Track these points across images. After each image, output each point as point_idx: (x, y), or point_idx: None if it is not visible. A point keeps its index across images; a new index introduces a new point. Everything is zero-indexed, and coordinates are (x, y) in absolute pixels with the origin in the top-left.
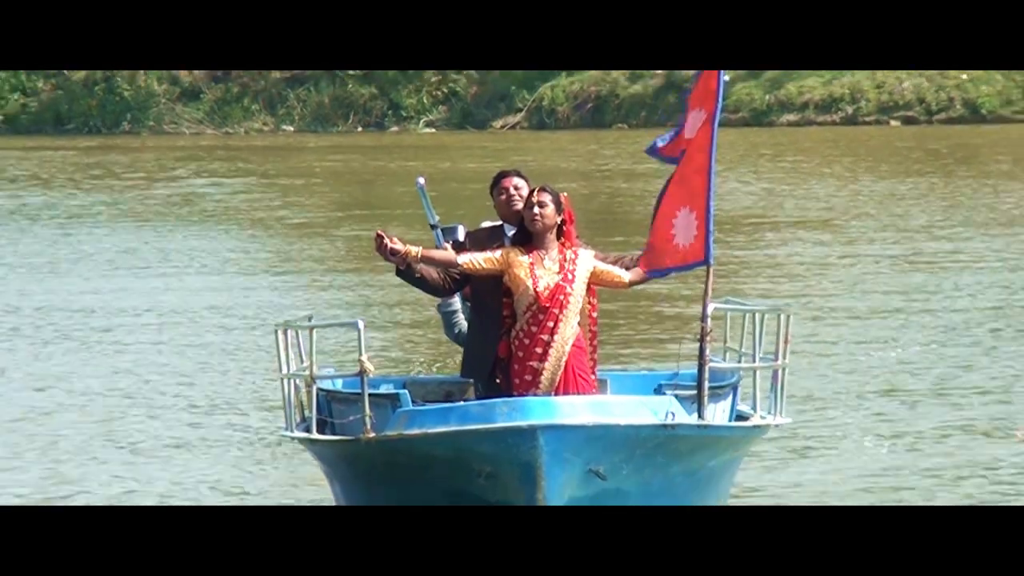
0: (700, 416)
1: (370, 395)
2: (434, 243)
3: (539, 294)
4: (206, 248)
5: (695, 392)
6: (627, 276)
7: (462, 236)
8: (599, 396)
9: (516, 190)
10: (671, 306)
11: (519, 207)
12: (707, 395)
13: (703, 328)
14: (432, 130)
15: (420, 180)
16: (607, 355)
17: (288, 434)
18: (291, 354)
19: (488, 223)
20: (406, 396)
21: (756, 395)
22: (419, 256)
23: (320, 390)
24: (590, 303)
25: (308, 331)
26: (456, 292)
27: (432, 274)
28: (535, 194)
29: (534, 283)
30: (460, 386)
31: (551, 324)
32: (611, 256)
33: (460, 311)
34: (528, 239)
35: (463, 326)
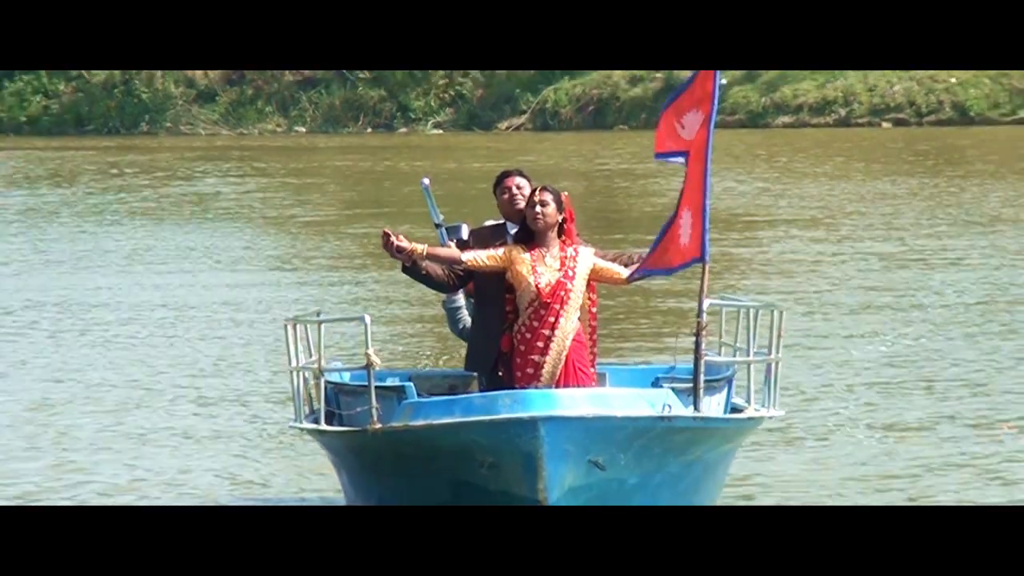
0: (696, 408)
1: (377, 388)
2: (439, 242)
3: (540, 290)
4: (220, 245)
5: (691, 385)
6: (626, 273)
7: (466, 235)
8: (598, 389)
9: (518, 189)
10: (668, 302)
11: (521, 206)
12: (703, 388)
13: (699, 323)
14: (439, 131)
15: (425, 181)
16: (606, 349)
17: (297, 425)
18: (300, 348)
19: (491, 222)
20: (411, 388)
21: (750, 388)
22: (425, 253)
23: (328, 383)
24: (590, 299)
25: (316, 326)
26: (460, 288)
27: (437, 271)
28: (537, 193)
29: (536, 279)
30: (464, 379)
31: (552, 319)
32: (610, 254)
33: (464, 307)
34: (530, 237)
35: (467, 322)
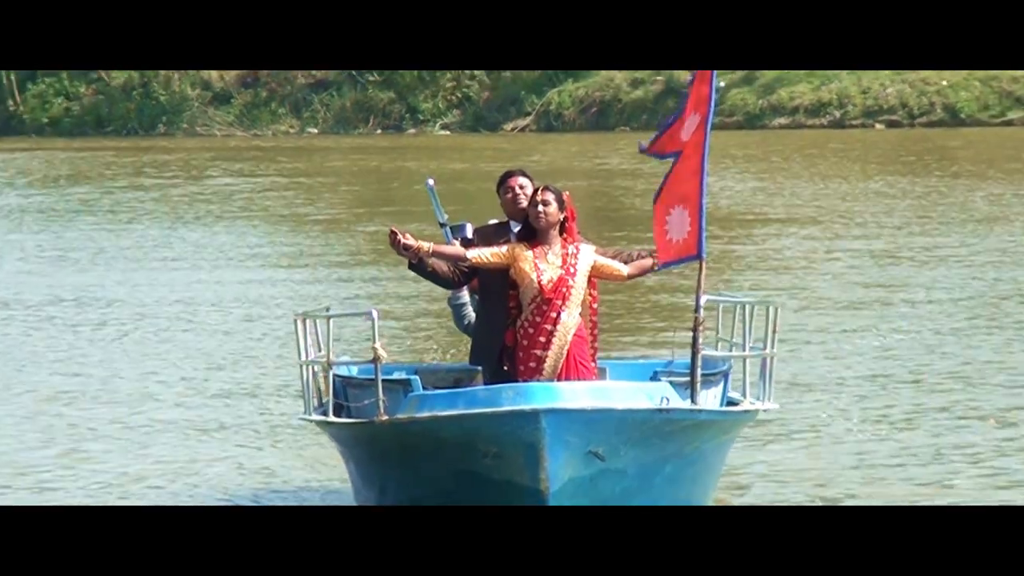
0: (693, 401)
1: (383, 381)
2: (444, 241)
3: (543, 286)
4: (234, 242)
5: (689, 379)
6: (625, 270)
7: (470, 233)
8: (598, 382)
9: (521, 189)
10: (666, 298)
11: (524, 205)
12: (700, 382)
13: (696, 319)
14: (447, 132)
15: (429, 181)
16: (607, 343)
17: (307, 417)
18: (309, 342)
19: (495, 220)
20: (417, 382)
21: (746, 382)
22: (430, 251)
23: (336, 376)
24: (591, 295)
25: (326, 320)
26: (465, 284)
27: (443, 267)
28: (539, 193)
29: (538, 276)
30: (468, 373)
31: (554, 315)
32: (611, 251)
33: (469, 304)
34: (533, 235)
35: (471, 317)
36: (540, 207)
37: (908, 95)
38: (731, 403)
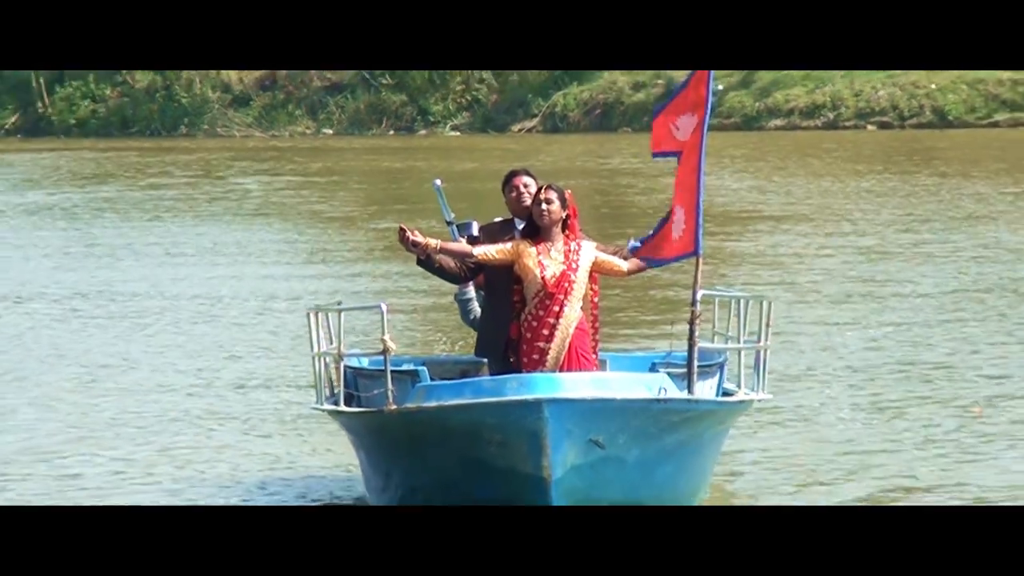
0: (690, 391)
1: (392, 372)
2: (451, 238)
3: (546, 281)
4: (252, 239)
5: (686, 370)
6: (625, 266)
7: (476, 231)
8: (599, 373)
9: (525, 188)
10: (664, 293)
11: (528, 203)
12: (696, 373)
13: (693, 312)
14: (457, 133)
15: (437, 182)
16: (607, 336)
17: (319, 407)
18: (322, 335)
19: (500, 218)
20: (425, 372)
21: (740, 373)
22: (438, 247)
23: (347, 367)
24: (592, 290)
25: (337, 314)
26: (471, 280)
27: (449, 263)
28: (542, 191)
29: (542, 271)
30: (474, 364)
31: (557, 309)
32: (611, 247)
33: (475, 299)
34: (536, 232)
35: (477, 312)
36: (543, 205)
37: (899, 98)
38: (726, 393)
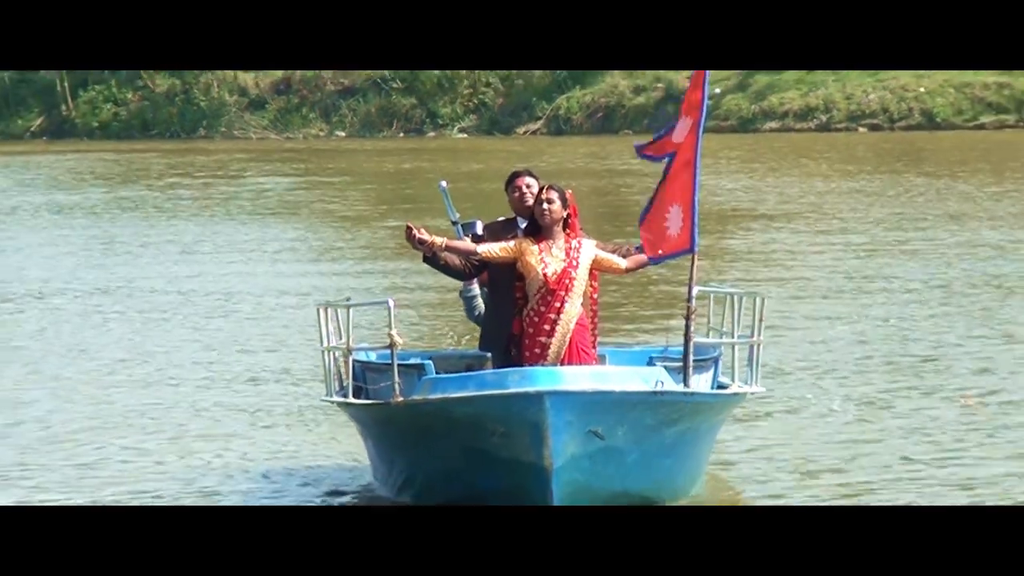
0: (686, 384)
1: (399, 365)
2: (456, 237)
3: (548, 278)
4: (266, 236)
5: (682, 364)
6: (624, 264)
7: (480, 230)
8: (598, 367)
9: (528, 188)
10: (662, 289)
11: (530, 203)
12: (692, 367)
13: (688, 308)
14: (464, 135)
15: (443, 183)
16: (606, 331)
17: (328, 399)
18: (331, 329)
19: (503, 218)
20: (431, 366)
21: (735, 367)
22: (444, 246)
23: (356, 361)
24: (592, 286)
25: (346, 309)
26: (475, 277)
27: (455, 261)
28: (544, 191)
29: (543, 269)
30: (478, 358)
31: (558, 305)
32: (610, 245)
33: (479, 296)
34: (538, 231)
35: (481, 309)
36: (545, 204)
37: (888, 101)
38: (721, 386)
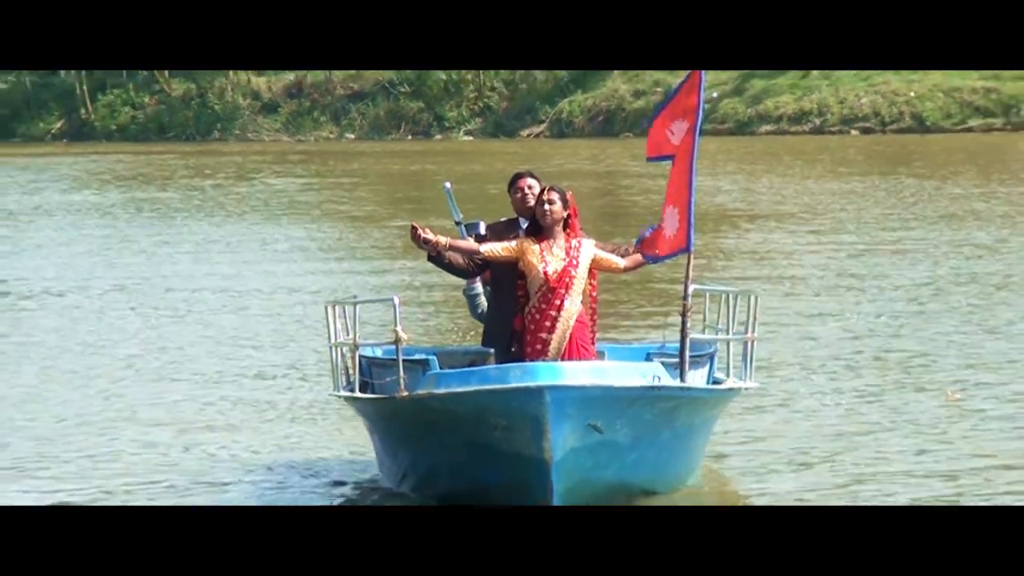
0: (682, 380)
1: (404, 361)
2: (460, 237)
3: (548, 277)
4: (278, 235)
5: (678, 360)
6: (622, 263)
7: (483, 230)
8: (597, 362)
9: (529, 189)
10: (659, 287)
11: (532, 203)
12: (688, 362)
13: (685, 306)
14: (470, 138)
15: (447, 184)
16: (605, 327)
17: (335, 393)
18: (339, 326)
19: (505, 218)
20: (435, 362)
21: (729, 363)
22: (447, 245)
23: (362, 356)
24: (591, 284)
25: (353, 306)
26: (478, 275)
27: (458, 260)
28: (545, 192)
29: (544, 268)
30: (481, 354)
31: (558, 302)
32: (609, 245)
33: (482, 294)
34: (539, 230)
35: (484, 306)
36: (546, 205)
37: (880, 105)
38: (716, 382)
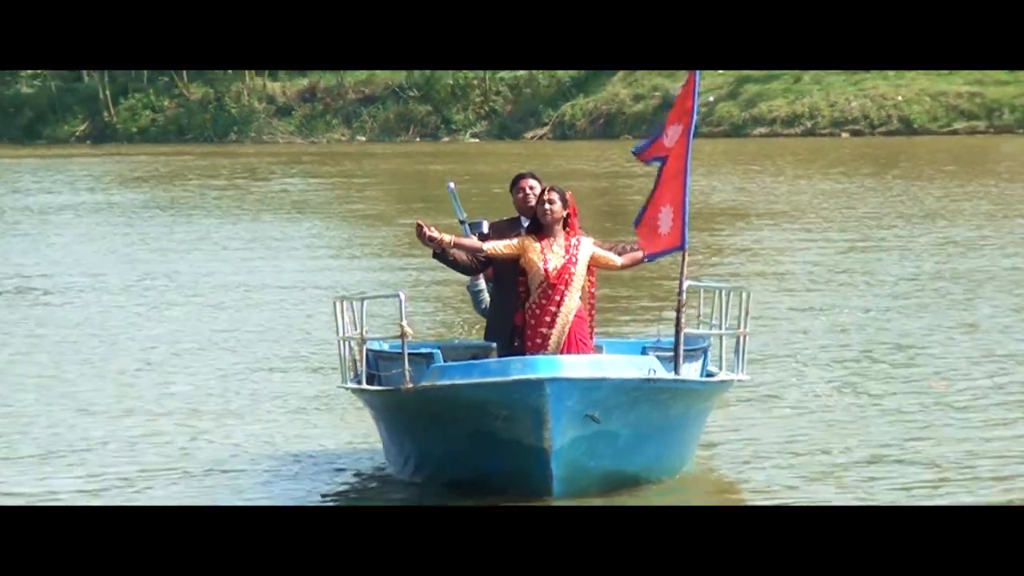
0: (676, 372)
1: (410, 354)
2: (463, 235)
3: (548, 274)
4: (291, 233)
5: (673, 353)
6: (619, 261)
7: (486, 229)
8: (595, 356)
9: (531, 189)
10: (655, 283)
11: (533, 203)
12: (682, 356)
13: (679, 302)
14: (476, 140)
15: (451, 184)
16: (603, 322)
17: (343, 385)
18: (347, 320)
19: (507, 217)
20: (439, 355)
21: (722, 356)
22: (452, 243)
23: (369, 350)
24: (589, 281)
25: (360, 302)
26: (481, 272)
27: (462, 257)
28: (545, 193)
29: (544, 265)
30: (484, 348)
31: (558, 298)
32: (607, 243)
33: (485, 290)
34: (540, 229)
35: (487, 302)
36: (546, 205)
37: (869, 108)
38: (709, 374)
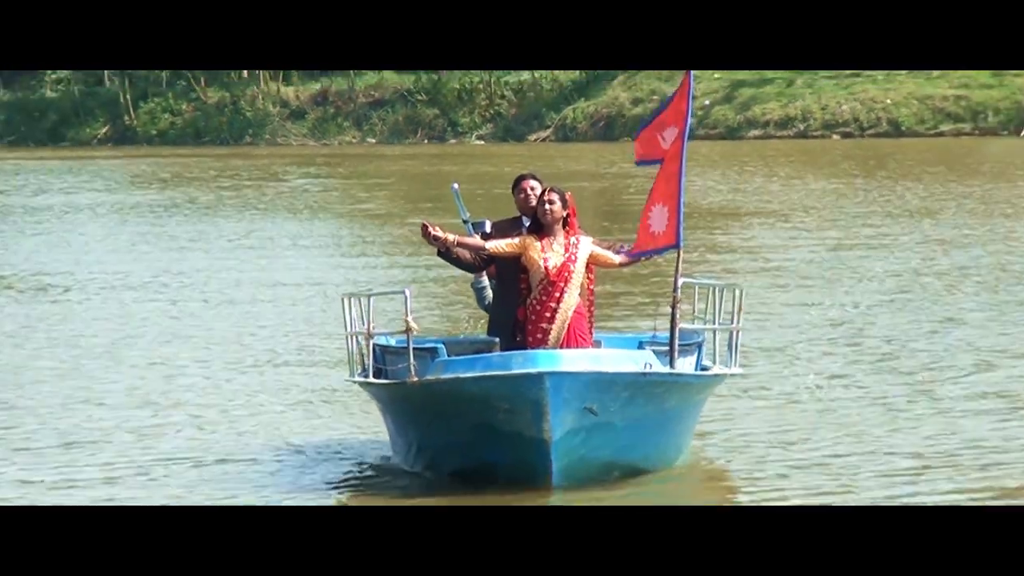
0: (672, 366)
1: (415, 349)
2: (467, 234)
3: (549, 271)
4: (304, 232)
5: (668, 348)
6: (618, 259)
7: (489, 228)
8: (593, 350)
9: (532, 190)
10: (651, 280)
11: (534, 203)
12: (677, 350)
13: (674, 298)
14: (482, 142)
15: (454, 185)
16: (602, 318)
17: (351, 379)
18: (354, 316)
19: (509, 217)
20: (443, 349)
21: (716, 351)
22: (456, 242)
23: (376, 345)
24: (588, 279)
25: (367, 298)
26: (484, 270)
27: (466, 255)
28: (546, 193)
29: (545, 263)
30: (487, 343)
31: (558, 295)
32: (606, 242)
33: (488, 287)
34: (540, 228)
35: (490, 298)
36: (547, 205)
37: (859, 111)
38: (704, 368)
